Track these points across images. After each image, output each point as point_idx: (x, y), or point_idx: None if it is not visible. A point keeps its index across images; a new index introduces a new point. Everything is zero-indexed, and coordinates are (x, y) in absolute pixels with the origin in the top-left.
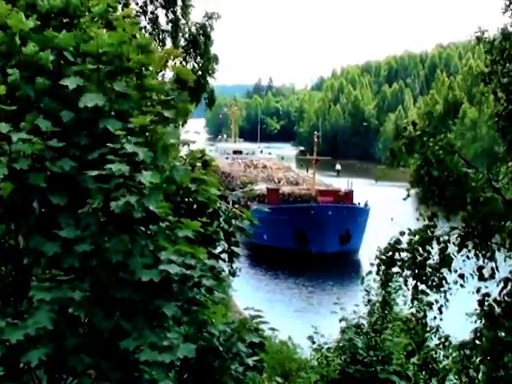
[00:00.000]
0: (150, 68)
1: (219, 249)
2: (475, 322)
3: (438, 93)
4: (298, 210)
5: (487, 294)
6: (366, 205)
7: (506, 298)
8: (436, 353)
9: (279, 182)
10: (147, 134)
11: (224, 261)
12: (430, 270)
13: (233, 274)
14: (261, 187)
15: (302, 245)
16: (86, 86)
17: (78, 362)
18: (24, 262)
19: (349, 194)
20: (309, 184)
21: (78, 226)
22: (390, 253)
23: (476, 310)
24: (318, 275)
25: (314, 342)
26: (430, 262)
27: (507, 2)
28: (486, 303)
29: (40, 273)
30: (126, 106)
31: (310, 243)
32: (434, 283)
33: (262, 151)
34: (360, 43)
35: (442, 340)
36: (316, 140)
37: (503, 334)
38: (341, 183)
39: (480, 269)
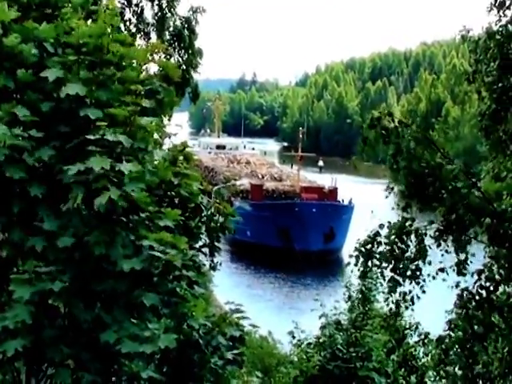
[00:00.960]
0: (133, 61)
1: (200, 243)
2: (450, 313)
3: (421, 91)
4: (281, 207)
5: (466, 288)
6: (350, 202)
7: (479, 290)
8: (415, 350)
9: (263, 177)
10: (127, 126)
11: (205, 255)
12: (407, 261)
13: (213, 268)
14: (244, 183)
15: (285, 242)
16: (67, 77)
17: (57, 352)
18: (3, 254)
19: (333, 191)
20: (293, 180)
21: (58, 218)
22: (369, 245)
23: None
24: (301, 272)
25: (294, 337)
26: (407, 254)
27: (492, 1)
28: (465, 296)
29: (21, 265)
30: (105, 96)
31: (293, 241)
32: (409, 274)
33: (245, 146)
34: (345, 39)
35: (422, 337)
36: (301, 136)
37: (476, 326)
38: (324, 179)
39: (459, 263)
